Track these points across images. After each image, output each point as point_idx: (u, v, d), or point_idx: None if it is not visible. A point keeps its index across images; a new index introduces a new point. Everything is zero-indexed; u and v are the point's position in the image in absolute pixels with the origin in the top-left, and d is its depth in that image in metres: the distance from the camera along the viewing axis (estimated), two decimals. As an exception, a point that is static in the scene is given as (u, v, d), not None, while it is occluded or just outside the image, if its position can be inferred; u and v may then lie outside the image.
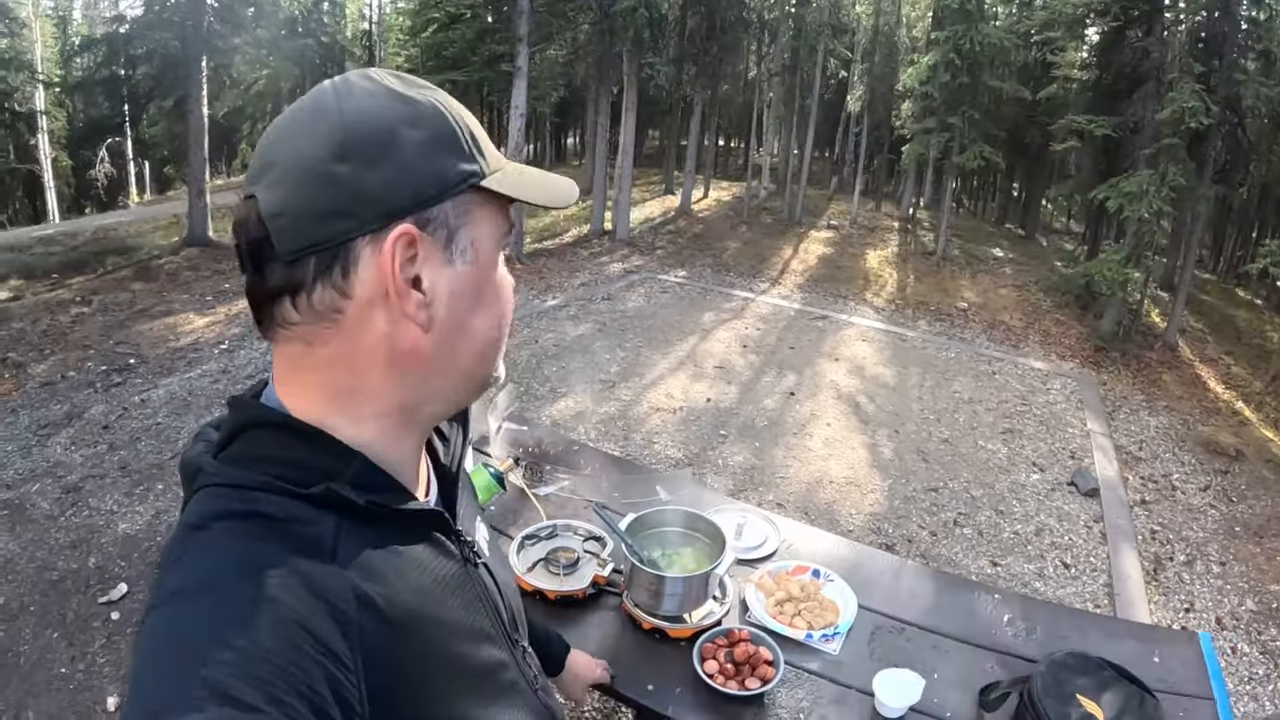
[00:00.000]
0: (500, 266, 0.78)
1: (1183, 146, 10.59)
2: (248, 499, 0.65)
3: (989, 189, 25.97)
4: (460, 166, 0.70)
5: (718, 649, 1.92)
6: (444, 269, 0.70)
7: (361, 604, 0.63)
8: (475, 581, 0.83)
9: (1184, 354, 11.79)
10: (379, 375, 0.71)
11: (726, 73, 19.59)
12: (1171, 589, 5.41)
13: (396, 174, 0.66)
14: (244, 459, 0.69)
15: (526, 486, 2.66)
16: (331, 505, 0.67)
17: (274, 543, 0.62)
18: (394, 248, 0.66)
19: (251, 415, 0.72)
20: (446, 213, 0.70)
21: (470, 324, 0.74)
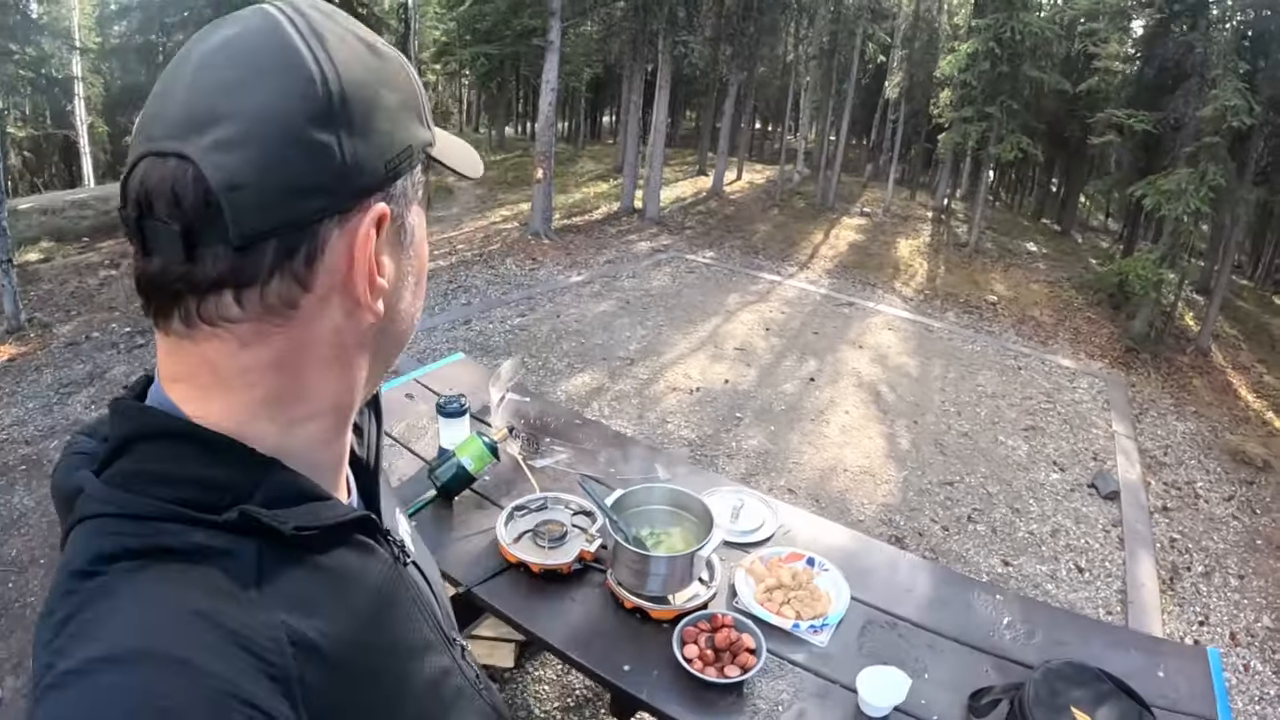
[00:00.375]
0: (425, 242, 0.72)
1: (1224, 146, 10.35)
2: (147, 533, 0.54)
3: (1027, 183, 25.59)
4: (421, 134, 0.63)
5: (699, 633, 1.87)
6: (399, 249, 0.63)
7: (299, 650, 0.54)
8: (409, 585, 0.74)
9: (1216, 360, 11.55)
10: (320, 374, 0.62)
11: (763, 55, 19.34)
12: (1187, 600, 5.28)
13: (376, 144, 0.57)
14: (136, 479, 0.57)
15: (522, 458, 2.61)
16: (248, 529, 0.56)
17: (187, 590, 0.52)
18: (370, 230, 0.57)
19: (143, 424, 0.59)
20: (406, 187, 0.62)
21: (406, 307, 0.67)
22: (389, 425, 2.79)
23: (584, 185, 19.07)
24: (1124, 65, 13.76)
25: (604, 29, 17.64)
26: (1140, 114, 11.76)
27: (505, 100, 26.93)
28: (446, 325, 8.41)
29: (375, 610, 0.66)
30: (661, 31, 14.26)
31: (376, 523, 0.70)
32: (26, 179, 19.88)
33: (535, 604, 2.02)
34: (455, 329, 8.36)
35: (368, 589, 0.66)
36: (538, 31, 13.09)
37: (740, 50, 17.18)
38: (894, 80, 19.17)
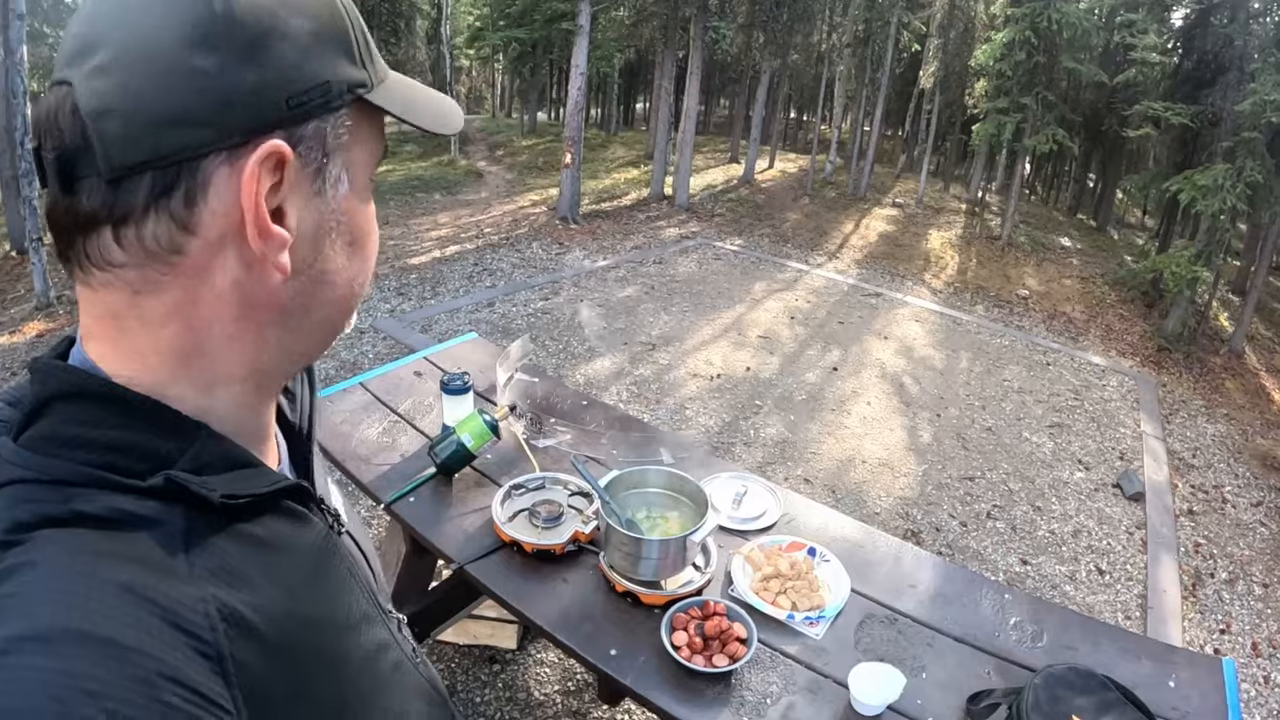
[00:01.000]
0: (371, 199, 0.65)
1: (1262, 141, 10.14)
2: (67, 499, 0.50)
3: (1063, 177, 25.23)
4: (348, 72, 0.57)
5: (689, 620, 1.83)
6: (313, 200, 0.57)
7: (231, 626, 0.51)
8: (344, 555, 0.70)
9: (1249, 362, 11.33)
10: (226, 333, 0.57)
11: (797, 42, 19.12)
12: (1209, 608, 5.16)
13: (274, 74, 0.52)
14: (55, 443, 0.53)
15: (524, 437, 2.58)
16: (175, 496, 0.53)
17: (111, 562, 0.48)
18: (259, 170, 0.52)
19: (60, 384, 0.55)
20: (325, 129, 0.56)
21: (335, 270, 0.61)
22: (396, 403, 2.78)
23: (614, 171, 19.02)
24: (1162, 57, 13.49)
25: (635, 14, 17.53)
26: (1178, 107, 11.54)
27: (538, 85, 26.89)
28: (470, 308, 8.41)
29: (309, 582, 0.63)
30: (693, 17, 14.17)
31: (310, 491, 0.66)
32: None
33: (526, 584, 1.99)
34: (478, 311, 8.35)
35: (301, 560, 0.63)
36: (568, 15, 13.04)
37: (773, 37, 17.02)
38: (929, 70, 18.92)
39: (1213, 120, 11.40)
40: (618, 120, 30.44)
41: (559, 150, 15.73)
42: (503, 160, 19.99)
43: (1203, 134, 11.87)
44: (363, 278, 0.64)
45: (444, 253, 10.63)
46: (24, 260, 8.16)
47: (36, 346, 6.73)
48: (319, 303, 0.61)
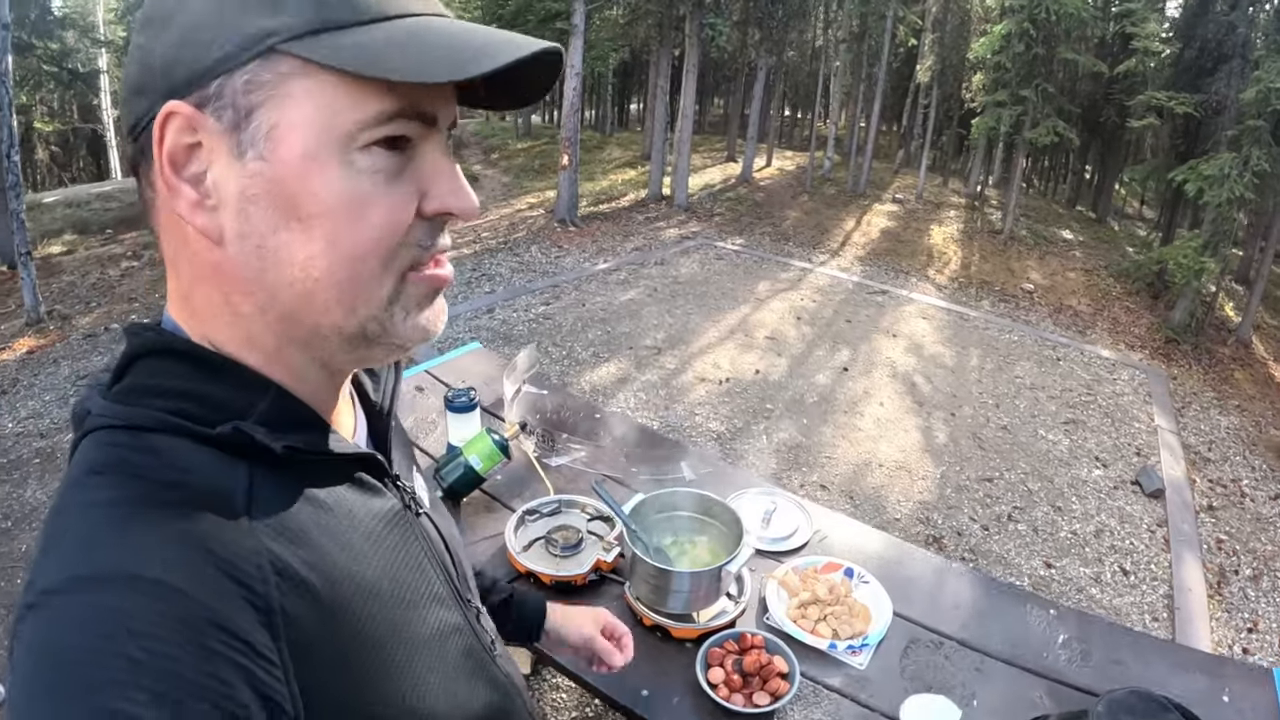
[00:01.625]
0: (352, 173, 0.55)
1: (1267, 129, 10.00)
2: (141, 443, 0.54)
3: (1061, 169, 25.15)
4: (255, 24, 0.52)
5: (726, 655, 1.69)
6: (232, 163, 0.54)
7: (284, 580, 0.53)
8: (419, 534, 0.72)
9: (1257, 351, 11.21)
10: (207, 292, 0.59)
11: (792, 39, 19.08)
12: (1235, 605, 5.03)
13: (180, 39, 0.53)
14: (135, 393, 0.57)
15: (535, 456, 2.44)
16: (242, 450, 0.55)
17: (171, 510, 0.50)
18: (160, 130, 0.53)
19: (144, 342, 0.59)
20: (236, 86, 0.52)
21: (273, 245, 0.55)
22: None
23: (611, 172, 18.91)
24: (1162, 46, 13.38)
25: (629, 13, 17.42)
26: (1181, 96, 11.44)
27: (531, 87, 26.72)
28: (469, 314, 8.29)
29: (373, 551, 0.64)
30: (688, 14, 14.07)
31: (383, 464, 0.69)
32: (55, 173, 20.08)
33: (547, 619, 1.85)
34: (478, 318, 8.24)
35: (366, 528, 0.64)
36: (562, 15, 12.93)
37: (768, 34, 16.91)
38: (925, 64, 18.81)
39: (1216, 109, 11.30)
40: (614, 121, 30.33)
41: (555, 152, 15.64)
42: (498, 164, 19.88)
43: (1205, 123, 11.75)
44: (325, 262, 0.56)
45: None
46: (14, 275, 8.04)
47: (27, 363, 6.63)
48: (273, 284, 0.56)
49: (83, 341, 7.13)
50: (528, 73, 0.57)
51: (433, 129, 0.58)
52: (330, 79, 0.52)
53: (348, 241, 0.56)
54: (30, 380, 6.27)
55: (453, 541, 0.82)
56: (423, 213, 0.59)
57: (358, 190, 0.55)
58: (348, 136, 0.54)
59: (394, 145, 0.56)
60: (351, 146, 0.54)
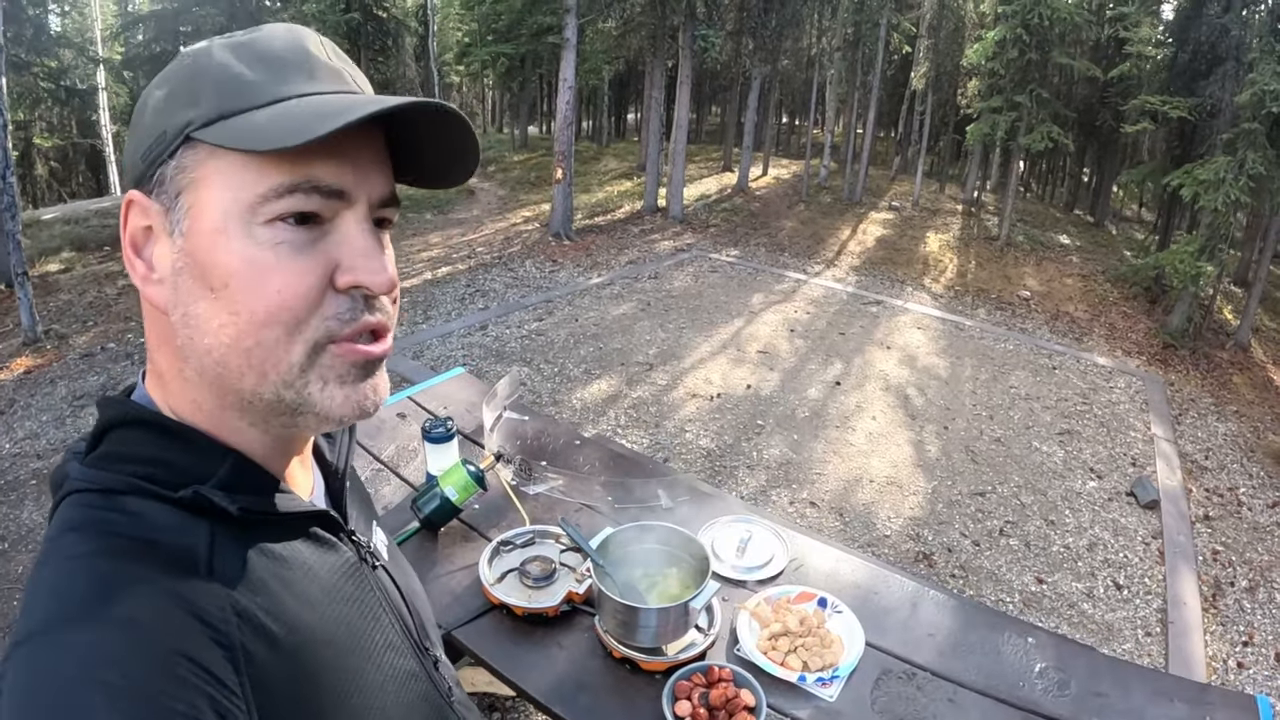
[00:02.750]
0: (252, 245, 0.58)
1: (1263, 132, 9.98)
2: (114, 505, 0.59)
3: (1057, 173, 25.15)
4: (179, 118, 0.60)
5: (693, 688, 1.68)
6: (166, 241, 0.61)
7: (245, 623, 0.57)
8: (375, 585, 0.76)
9: (1256, 355, 11.17)
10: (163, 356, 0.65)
11: (786, 47, 19.05)
12: (1230, 618, 5.00)
13: (139, 137, 0.62)
14: (108, 459, 0.62)
15: (512, 485, 2.44)
16: (203, 510, 0.60)
17: (141, 561, 0.56)
18: (125, 214, 0.62)
19: (115, 413, 0.65)
20: (167, 173, 0.60)
21: (194, 314, 0.60)
22: (379, 449, 2.64)
23: (607, 184, 18.90)
24: (1156, 50, 13.38)
25: (622, 25, 17.46)
26: (1175, 99, 11.43)
27: (527, 100, 26.82)
28: (462, 331, 8.29)
29: (329, 602, 0.67)
30: (681, 26, 14.09)
31: (337, 520, 0.74)
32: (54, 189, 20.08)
33: (518, 650, 1.85)
34: (471, 334, 8.23)
35: (322, 581, 0.68)
36: (555, 29, 12.97)
37: (762, 43, 16.93)
38: (920, 71, 18.83)
39: (1211, 112, 11.29)
40: (609, 132, 30.36)
41: (550, 165, 15.66)
42: (494, 176, 19.89)
43: (1200, 127, 11.75)
44: (233, 329, 0.59)
45: (435, 274, 10.52)
46: (11, 294, 8.05)
47: (24, 383, 6.63)
48: (198, 350, 0.61)
49: (80, 361, 7.13)
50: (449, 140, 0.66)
51: (344, 203, 0.61)
52: (234, 159, 0.58)
53: (249, 309, 0.59)
54: (27, 400, 6.27)
55: (410, 593, 0.85)
56: (335, 285, 0.61)
57: (259, 260, 0.58)
58: (250, 210, 0.58)
59: (303, 220, 0.59)
60: (254, 220, 0.58)
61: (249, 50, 0.61)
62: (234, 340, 0.59)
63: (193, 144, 0.59)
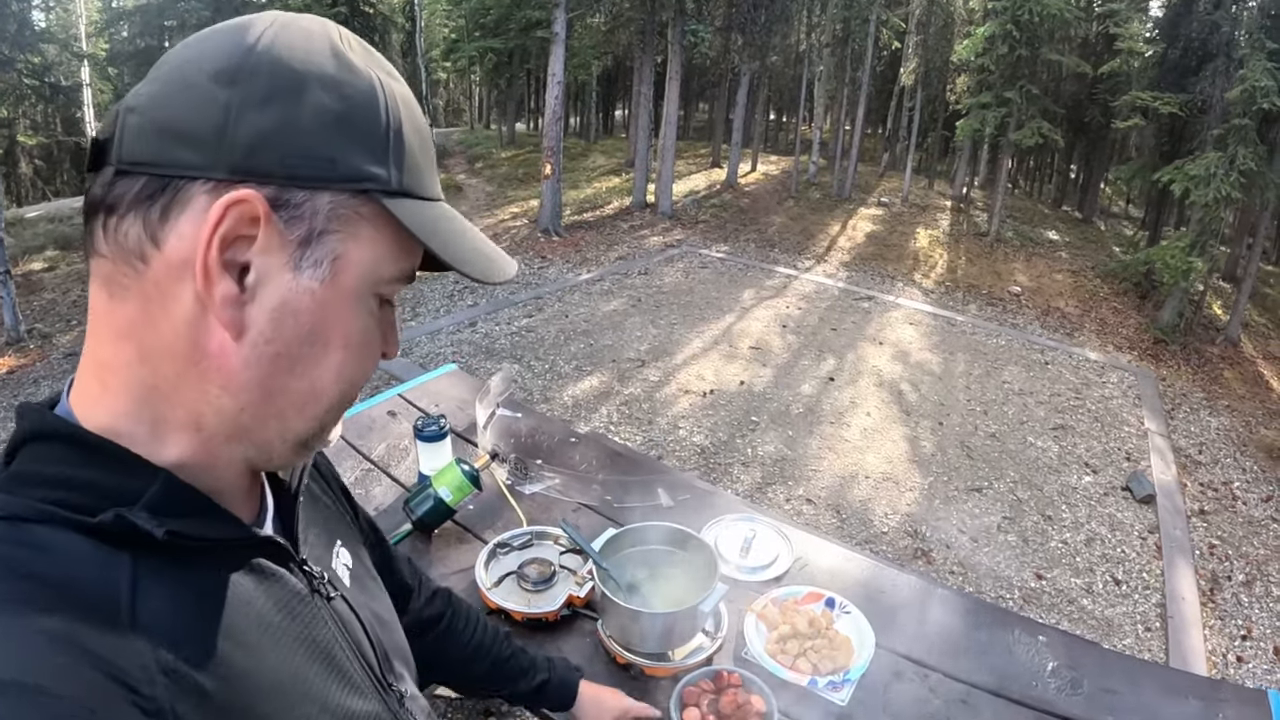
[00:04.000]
0: (369, 316, 0.61)
1: (1253, 128, 10.01)
2: (21, 536, 0.50)
3: (1046, 169, 25.25)
4: (361, 164, 0.55)
5: (701, 694, 1.62)
6: (284, 272, 0.55)
7: (173, 681, 0.49)
8: (327, 620, 0.69)
9: (1246, 350, 11.21)
10: (178, 371, 0.55)
11: (775, 43, 19.04)
12: (1229, 612, 4.99)
13: (278, 127, 0.52)
14: (17, 480, 0.54)
15: (508, 485, 2.37)
16: (126, 539, 0.52)
17: (50, 610, 0.47)
18: (225, 210, 0.51)
19: (31, 425, 0.56)
20: (318, 207, 0.54)
21: (298, 358, 0.57)
22: (368, 447, 2.57)
23: (595, 180, 18.86)
24: (1147, 46, 13.42)
25: (611, 20, 17.41)
26: (1166, 96, 11.46)
27: (515, 96, 26.71)
28: (451, 328, 8.23)
29: (272, 644, 0.60)
30: (670, 21, 14.05)
31: (284, 548, 0.67)
32: (38, 187, 19.93)
33: (518, 657, 1.78)
34: (460, 331, 8.17)
35: (265, 619, 0.61)
36: (543, 24, 12.91)
37: (751, 39, 16.89)
38: (909, 67, 18.86)
39: (1201, 108, 11.32)
40: (597, 128, 30.31)
41: (538, 161, 15.61)
42: (482, 173, 19.81)
43: (1190, 123, 11.79)
44: (335, 388, 0.61)
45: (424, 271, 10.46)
46: (-8, 295, 7.95)
47: (6, 383, 6.56)
48: (276, 390, 0.58)
49: (63, 361, 7.07)
50: None
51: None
52: (392, 235, 0.58)
53: (351, 374, 0.62)
54: (9, 401, 6.21)
55: (374, 623, 0.79)
56: None
57: (368, 334, 0.62)
58: (375, 285, 0.60)
59: (383, 301, 0.63)
60: (372, 294, 0.60)
61: (412, 118, 0.60)
62: (325, 393, 0.61)
63: (364, 199, 0.56)
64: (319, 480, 0.90)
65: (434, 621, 1.27)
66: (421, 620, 1.24)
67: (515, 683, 1.35)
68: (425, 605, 1.26)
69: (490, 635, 1.35)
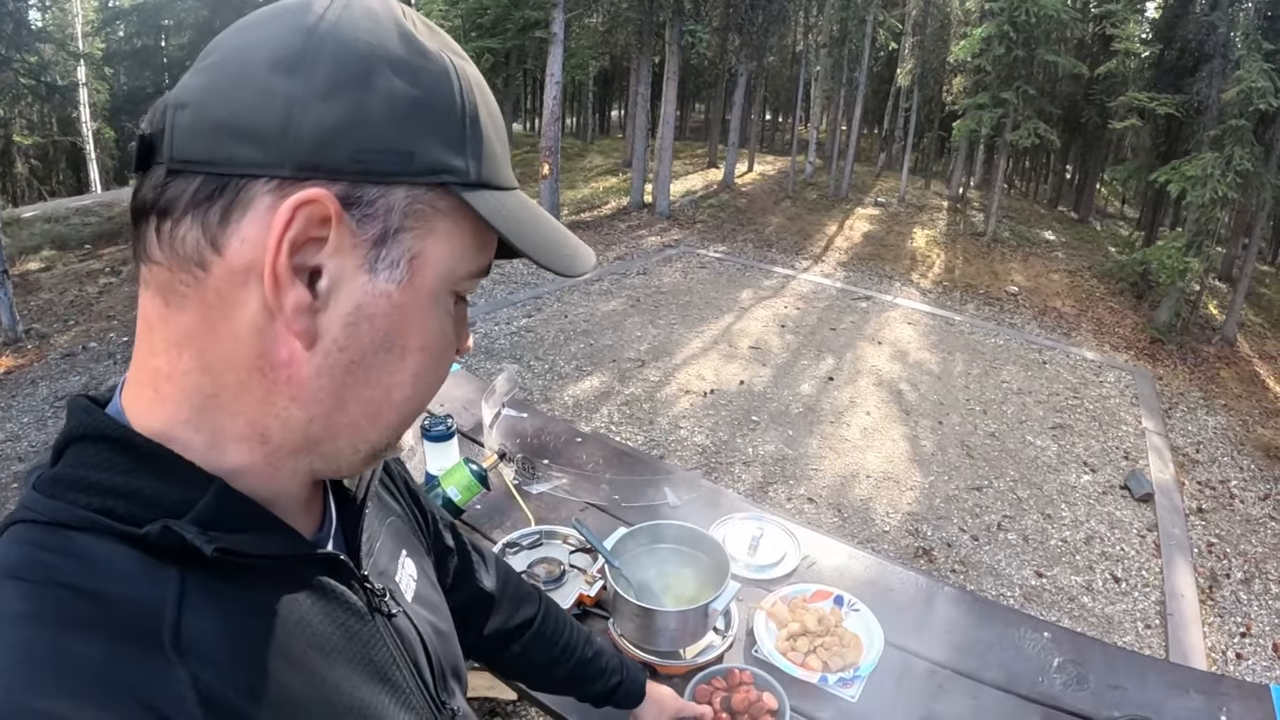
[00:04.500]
0: (446, 316, 0.58)
1: (1250, 129, 10.04)
2: (63, 545, 0.47)
3: (1042, 170, 25.29)
4: (438, 155, 0.52)
5: (714, 692, 1.63)
6: (359, 274, 0.51)
7: (211, 710, 0.46)
8: (386, 639, 0.65)
9: (1242, 349, 11.23)
10: (241, 380, 0.51)
11: (772, 44, 19.09)
12: (1228, 610, 5.00)
13: (348, 120, 0.48)
14: (62, 484, 0.51)
15: (515, 485, 2.38)
16: (174, 553, 0.49)
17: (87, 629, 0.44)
18: (293, 212, 0.47)
19: (79, 425, 0.53)
20: (393, 203, 0.51)
21: (373, 365, 0.54)
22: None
23: (593, 180, 18.86)
24: (1143, 47, 13.45)
25: (609, 20, 17.42)
26: (1162, 97, 11.49)
27: (512, 96, 26.67)
28: (451, 328, 8.22)
29: (329, 667, 0.57)
30: (668, 21, 14.06)
31: (346, 565, 0.64)
32: (34, 187, 19.89)
33: (529, 656, 1.79)
34: (459, 331, 8.16)
35: (321, 641, 0.58)
36: (541, 24, 12.90)
37: (749, 40, 16.93)
38: (906, 67, 18.87)
39: (1197, 109, 11.35)
40: (594, 128, 30.33)
41: (536, 161, 15.60)
42: (480, 174, 19.76)
43: (1186, 124, 11.81)
44: (410, 391, 0.58)
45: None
46: (-10, 295, 7.93)
47: (4, 384, 6.54)
48: (350, 398, 0.54)
49: (61, 361, 7.03)
50: None
51: None
52: (470, 229, 0.55)
53: (429, 379, 0.59)
54: (8, 402, 6.17)
55: (433, 638, 0.76)
56: None
57: (446, 335, 0.59)
58: (454, 282, 0.57)
59: (459, 298, 0.60)
60: (449, 292, 0.57)
61: (487, 103, 0.56)
62: (403, 401, 0.58)
63: (441, 191, 0.53)
64: (389, 486, 0.87)
65: (525, 626, 1.22)
66: (514, 624, 1.20)
67: (593, 684, 1.32)
68: (516, 610, 1.21)
69: (578, 637, 1.30)
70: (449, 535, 1.08)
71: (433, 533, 1.01)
